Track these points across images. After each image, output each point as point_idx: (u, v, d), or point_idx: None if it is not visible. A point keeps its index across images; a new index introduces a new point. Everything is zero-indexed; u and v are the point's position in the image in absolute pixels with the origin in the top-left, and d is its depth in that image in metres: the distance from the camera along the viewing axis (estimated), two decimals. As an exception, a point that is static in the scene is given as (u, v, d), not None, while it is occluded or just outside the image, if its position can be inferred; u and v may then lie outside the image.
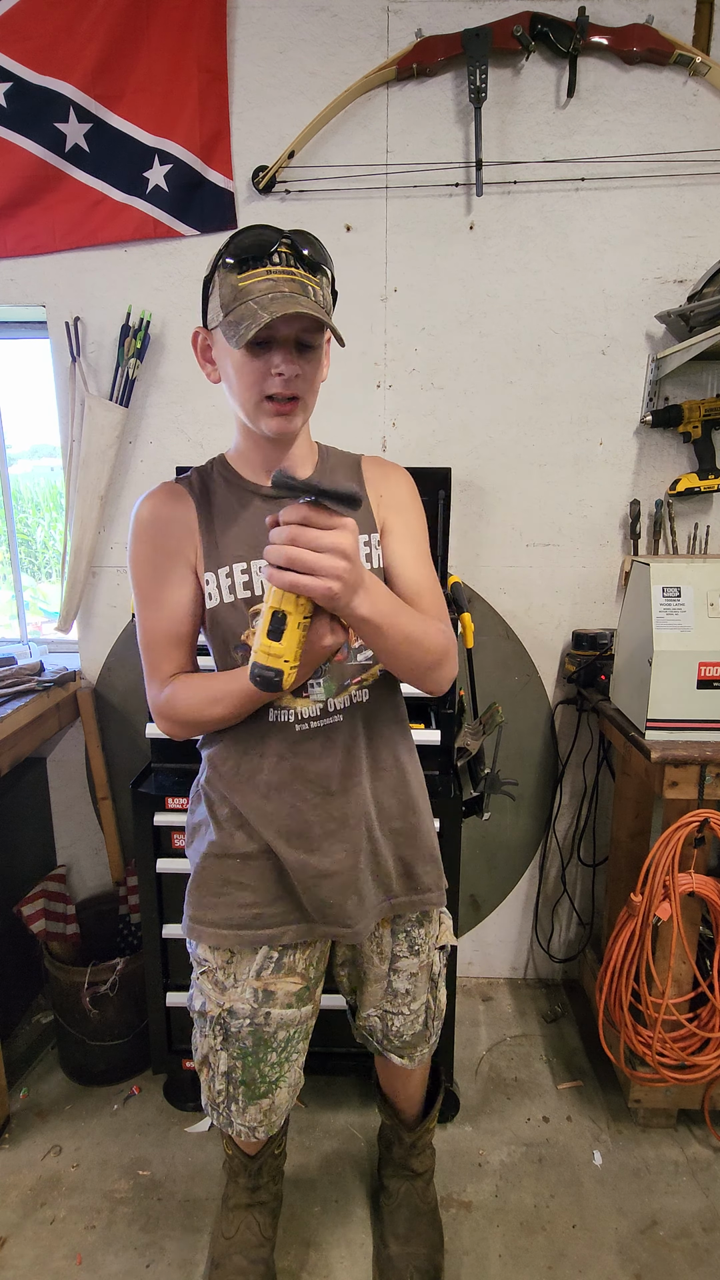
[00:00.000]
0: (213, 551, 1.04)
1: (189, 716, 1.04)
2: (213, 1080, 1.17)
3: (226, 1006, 1.12)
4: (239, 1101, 1.16)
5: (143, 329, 1.83)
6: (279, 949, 1.13)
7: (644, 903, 1.52)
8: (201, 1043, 1.17)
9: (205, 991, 1.14)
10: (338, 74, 1.75)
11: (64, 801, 2.19)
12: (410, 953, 1.22)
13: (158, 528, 1.05)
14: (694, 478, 1.85)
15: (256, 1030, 1.13)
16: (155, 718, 1.07)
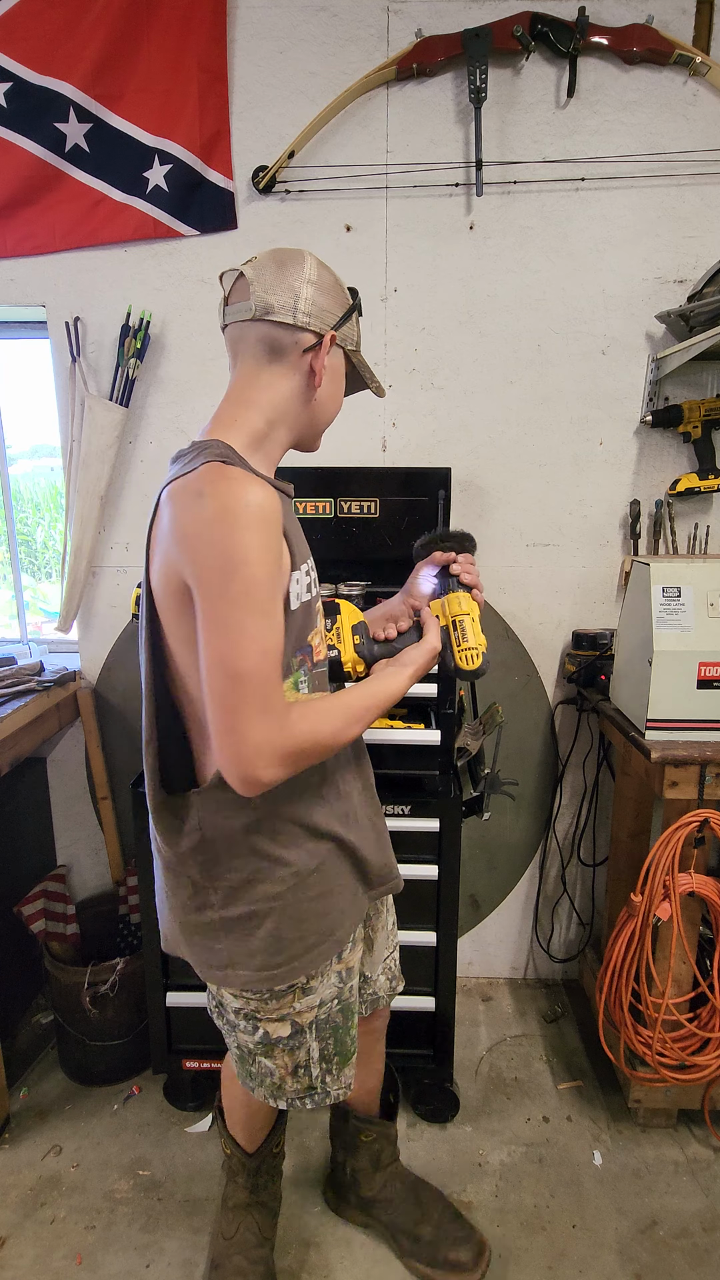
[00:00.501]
0: (291, 546, 0.96)
1: (329, 743, 0.93)
2: (307, 1072, 1.15)
3: (316, 1003, 1.12)
4: (334, 1072, 1.17)
5: (143, 329, 1.83)
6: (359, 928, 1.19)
7: (644, 903, 1.52)
8: (292, 1057, 1.13)
9: (296, 1011, 1.10)
10: (338, 74, 1.75)
11: (64, 801, 2.19)
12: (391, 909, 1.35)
13: (275, 521, 0.88)
14: (694, 478, 1.85)
15: (344, 1005, 1.16)
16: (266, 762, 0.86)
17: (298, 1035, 1.12)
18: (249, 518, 0.85)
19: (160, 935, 1.18)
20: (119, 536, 2.00)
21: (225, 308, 1.00)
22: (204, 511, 0.85)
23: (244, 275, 0.96)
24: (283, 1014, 1.10)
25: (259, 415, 0.99)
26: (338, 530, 1.87)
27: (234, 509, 0.84)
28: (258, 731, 0.86)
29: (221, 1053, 1.68)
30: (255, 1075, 1.16)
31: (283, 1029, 1.11)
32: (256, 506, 0.86)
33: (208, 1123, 1.72)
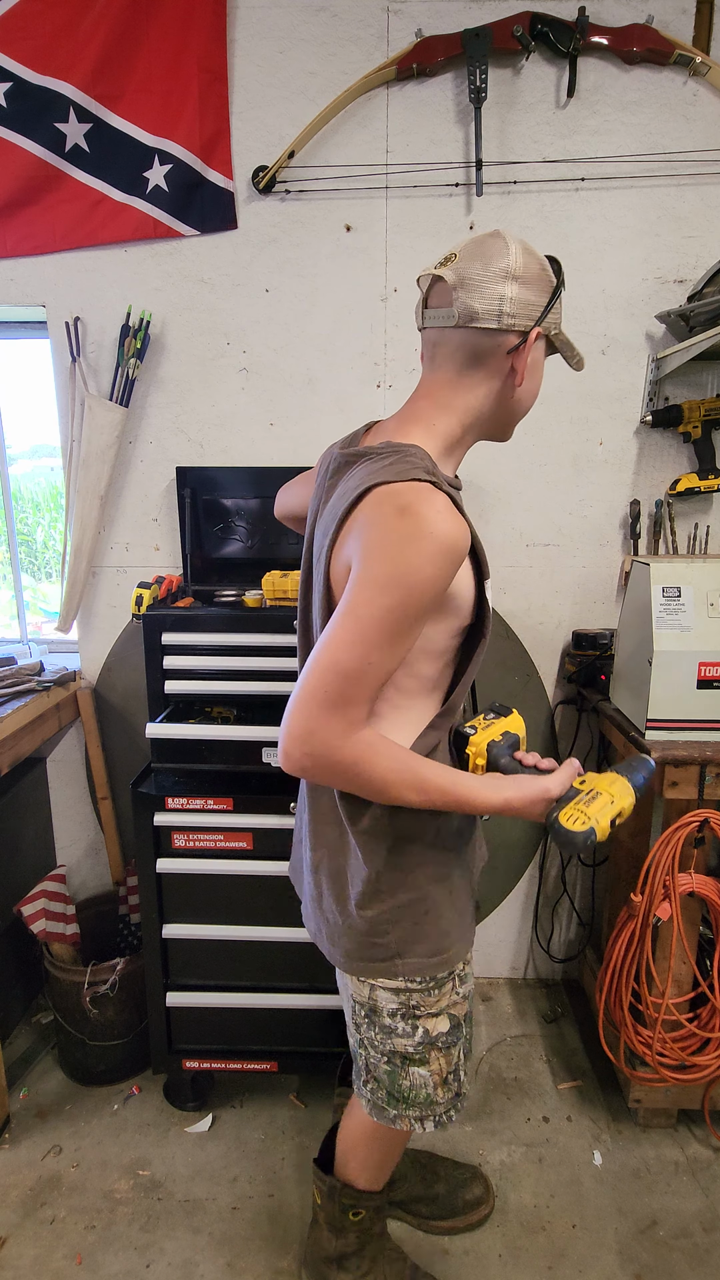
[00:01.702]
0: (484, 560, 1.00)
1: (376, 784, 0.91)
2: (456, 1076, 1.14)
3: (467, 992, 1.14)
4: (467, 1071, 1.17)
5: (143, 329, 1.83)
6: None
7: (644, 903, 1.52)
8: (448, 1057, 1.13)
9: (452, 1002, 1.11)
10: (338, 74, 1.75)
11: (64, 801, 2.19)
12: None
13: (455, 556, 0.88)
14: (694, 478, 1.85)
15: (471, 1011, 1.18)
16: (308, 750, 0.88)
17: (455, 1030, 1.12)
18: (435, 551, 0.86)
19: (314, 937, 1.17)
20: (119, 536, 2.00)
21: (424, 310, 0.99)
22: (401, 527, 0.86)
23: (443, 279, 0.94)
24: (442, 1006, 1.09)
25: (456, 420, 0.99)
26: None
27: (428, 538, 0.85)
28: (320, 722, 0.87)
29: (222, 1053, 1.68)
30: (406, 1096, 1.13)
31: (442, 1024, 1.10)
32: (449, 544, 0.86)
33: (208, 1123, 1.72)
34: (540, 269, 0.96)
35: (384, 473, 0.90)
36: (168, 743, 1.61)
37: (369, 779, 0.90)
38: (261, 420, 1.94)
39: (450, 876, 1.07)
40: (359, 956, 1.07)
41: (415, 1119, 1.14)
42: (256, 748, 1.58)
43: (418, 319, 1.01)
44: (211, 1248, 1.45)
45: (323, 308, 1.87)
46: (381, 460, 0.94)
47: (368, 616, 0.85)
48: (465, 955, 1.11)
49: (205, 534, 1.91)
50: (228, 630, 1.58)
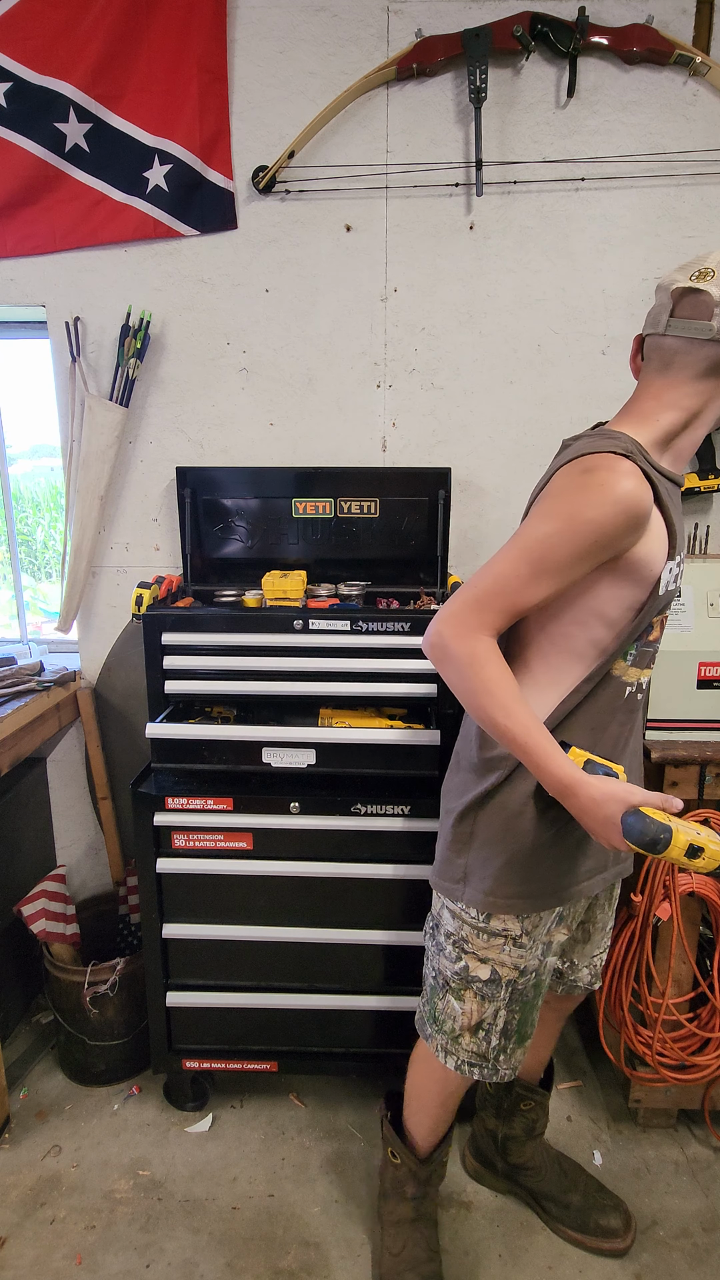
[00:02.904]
0: (673, 542, 1.06)
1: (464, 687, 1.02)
2: (487, 1038, 1.22)
3: (521, 966, 1.19)
4: (508, 1050, 1.24)
5: (143, 329, 1.83)
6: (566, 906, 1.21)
7: (644, 903, 1.52)
8: (481, 1008, 1.21)
9: (500, 959, 1.18)
10: (338, 74, 1.75)
11: (64, 801, 2.19)
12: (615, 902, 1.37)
13: (632, 516, 0.98)
14: (694, 478, 1.85)
15: (539, 980, 1.22)
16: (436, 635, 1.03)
17: (493, 985, 1.19)
18: (608, 499, 0.96)
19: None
20: (119, 536, 2.00)
21: (670, 319, 1.03)
22: (580, 480, 0.98)
23: (708, 293, 0.99)
24: (488, 955, 1.18)
25: (679, 416, 1.05)
26: (337, 530, 1.87)
27: (604, 488, 0.96)
28: (459, 612, 1.02)
29: (222, 1053, 1.68)
30: (438, 1016, 1.24)
31: (483, 971, 1.19)
32: (623, 496, 0.96)
33: (208, 1123, 1.72)
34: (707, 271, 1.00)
35: (585, 446, 1.02)
36: (168, 743, 1.61)
37: (471, 679, 1.01)
38: (261, 420, 1.94)
39: (539, 841, 1.13)
40: (438, 871, 1.22)
41: (441, 1048, 1.25)
42: (256, 748, 1.58)
43: (656, 326, 1.05)
44: (211, 1248, 1.45)
45: (323, 308, 1.87)
46: (588, 439, 1.05)
47: (526, 539, 1.00)
48: (530, 914, 1.16)
49: (205, 534, 1.91)
50: (228, 630, 1.58)
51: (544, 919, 1.19)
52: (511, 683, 1.01)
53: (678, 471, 1.09)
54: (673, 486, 1.08)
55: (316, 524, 1.87)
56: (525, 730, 0.99)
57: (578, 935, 1.35)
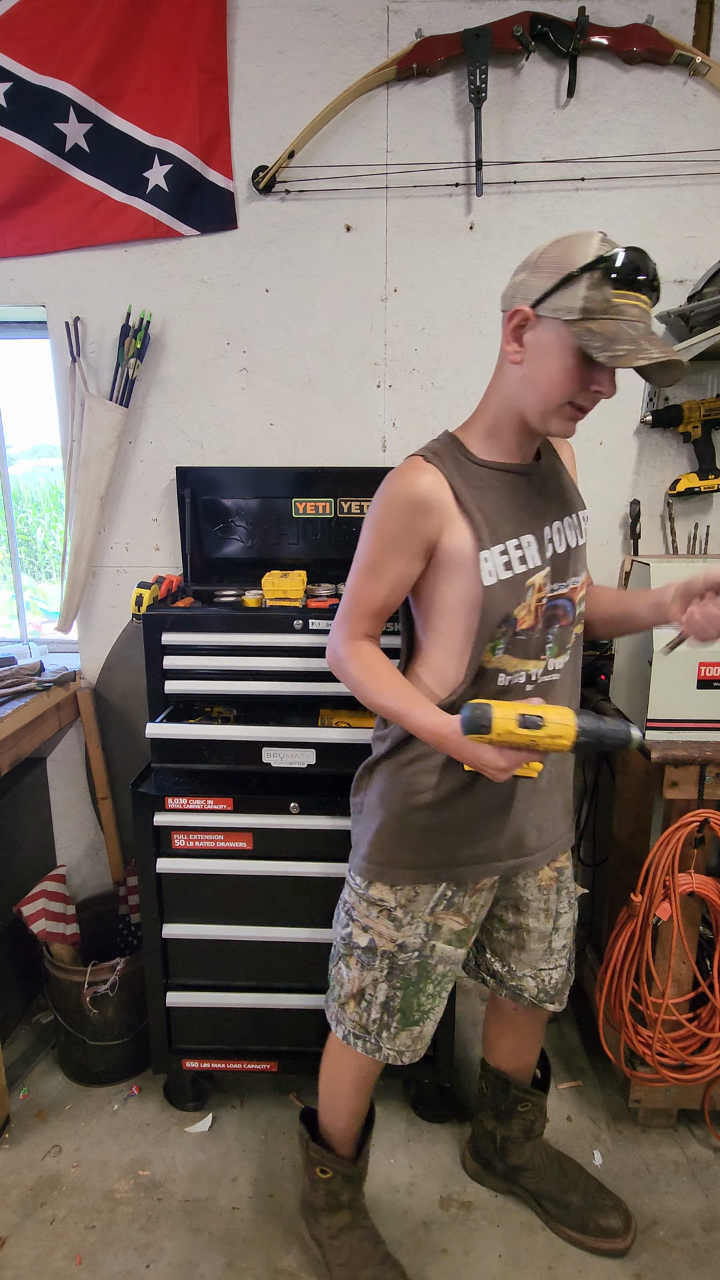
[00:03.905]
0: (483, 531, 1.07)
1: (349, 680, 1.15)
2: (368, 1009, 1.26)
3: (399, 941, 1.22)
4: (391, 1029, 1.26)
5: (143, 329, 1.83)
6: (453, 889, 1.21)
7: (644, 903, 1.52)
8: (360, 976, 1.25)
9: (377, 929, 1.23)
10: (338, 74, 1.75)
11: (64, 801, 2.19)
12: (569, 906, 1.34)
13: (410, 505, 1.07)
14: (694, 478, 1.85)
15: (423, 962, 1.23)
16: (328, 652, 1.19)
17: (370, 954, 1.23)
18: (385, 496, 1.09)
19: None
20: (119, 536, 2.00)
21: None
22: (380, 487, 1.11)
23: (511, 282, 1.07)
24: (368, 924, 1.23)
25: (493, 403, 1.10)
26: (337, 530, 1.87)
27: (384, 491, 1.09)
28: (336, 633, 1.18)
29: (222, 1053, 1.68)
30: (334, 979, 1.30)
31: (363, 939, 1.24)
32: (396, 490, 1.08)
33: (208, 1123, 1.72)
34: (560, 255, 0.99)
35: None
36: (168, 743, 1.61)
37: (351, 675, 1.14)
38: (261, 420, 1.94)
39: (410, 812, 1.18)
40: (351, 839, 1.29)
41: (333, 1016, 1.31)
42: (256, 748, 1.58)
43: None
44: (211, 1248, 1.45)
45: (323, 308, 1.87)
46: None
47: (357, 555, 1.14)
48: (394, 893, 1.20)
49: (205, 534, 1.91)
50: (228, 630, 1.58)
51: (421, 895, 1.20)
52: (382, 667, 1.13)
53: (513, 459, 1.13)
54: (496, 474, 1.11)
55: (316, 524, 1.87)
56: (397, 697, 1.08)
57: (508, 938, 1.34)
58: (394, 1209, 1.53)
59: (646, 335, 0.95)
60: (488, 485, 1.10)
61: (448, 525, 1.07)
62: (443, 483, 1.07)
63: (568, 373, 1.00)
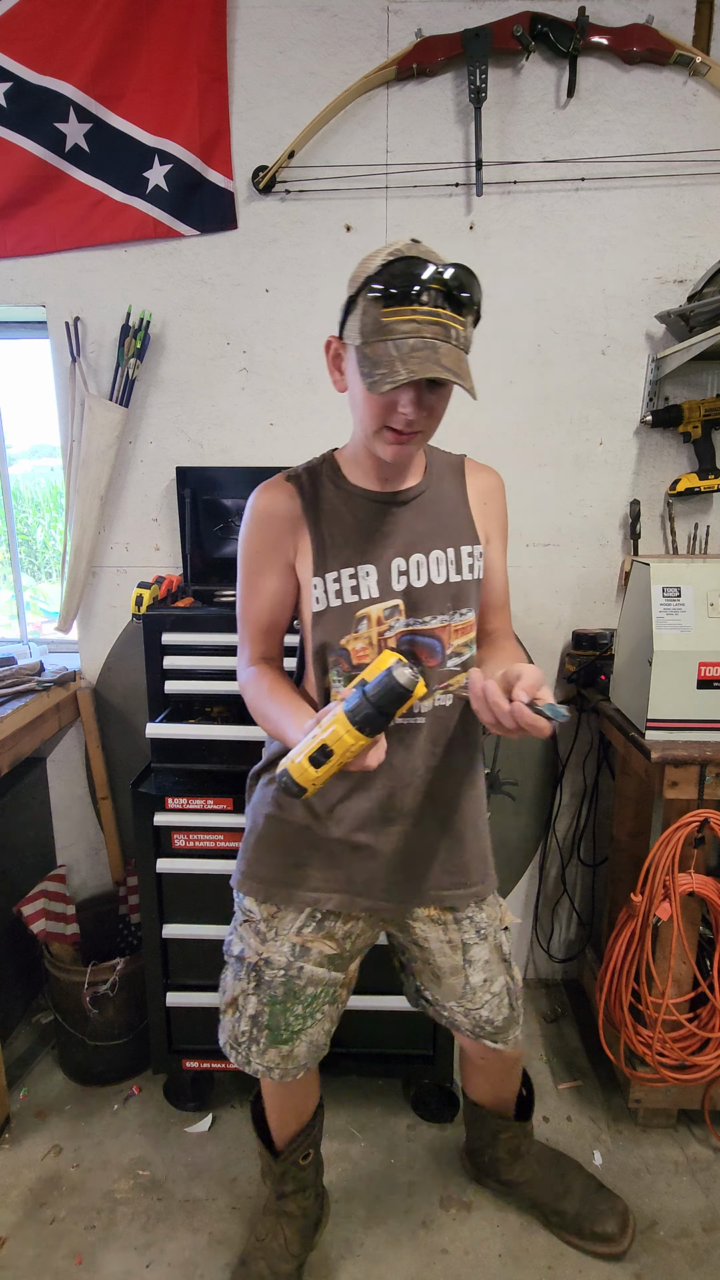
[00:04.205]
0: (320, 557, 1.06)
1: (250, 708, 1.13)
2: (238, 1020, 1.24)
3: (264, 956, 1.19)
4: (259, 1043, 1.23)
5: (143, 329, 1.83)
6: (321, 913, 1.18)
7: (644, 903, 1.52)
8: (233, 985, 1.24)
9: (246, 940, 1.21)
10: (338, 74, 1.74)
11: (64, 801, 2.19)
12: (479, 938, 1.24)
13: (265, 522, 1.09)
14: (694, 478, 1.85)
15: (289, 982, 1.19)
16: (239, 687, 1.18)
17: (239, 963, 1.22)
18: (246, 515, 1.11)
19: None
20: (119, 536, 2.00)
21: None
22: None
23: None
24: (241, 933, 1.22)
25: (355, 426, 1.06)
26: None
27: (247, 507, 1.12)
28: (238, 662, 1.19)
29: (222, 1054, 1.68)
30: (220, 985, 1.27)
31: (235, 947, 1.23)
32: (252, 507, 1.11)
33: (208, 1123, 1.72)
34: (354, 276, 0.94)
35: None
36: (168, 743, 1.61)
37: (247, 700, 1.13)
38: (261, 420, 1.94)
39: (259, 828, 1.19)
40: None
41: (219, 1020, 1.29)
42: (257, 747, 1.56)
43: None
44: (211, 1248, 1.45)
45: (323, 308, 1.87)
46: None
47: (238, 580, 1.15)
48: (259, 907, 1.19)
49: (205, 534, 1.91)
50: (228, 630, 1.57)
51: (282, 913, 1.18)
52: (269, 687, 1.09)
53: (372, 485, 1.08)
54: (353, 499, 1.07)
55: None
56: (279, 717, 1.05)
57: (423, 969, 1.27)
58: (394, 1209, 1.53)
59: (411, 352, 0.88)
60: (342, 509, 1.07)
61: (299, 545, 1.07)
62: (295, 502, 1.07)
63: (366, 398, 0.95)
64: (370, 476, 1.09)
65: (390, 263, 0.89)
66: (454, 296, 0.90)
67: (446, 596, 1.08)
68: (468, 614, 1.10)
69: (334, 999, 1.25)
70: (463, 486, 1.15)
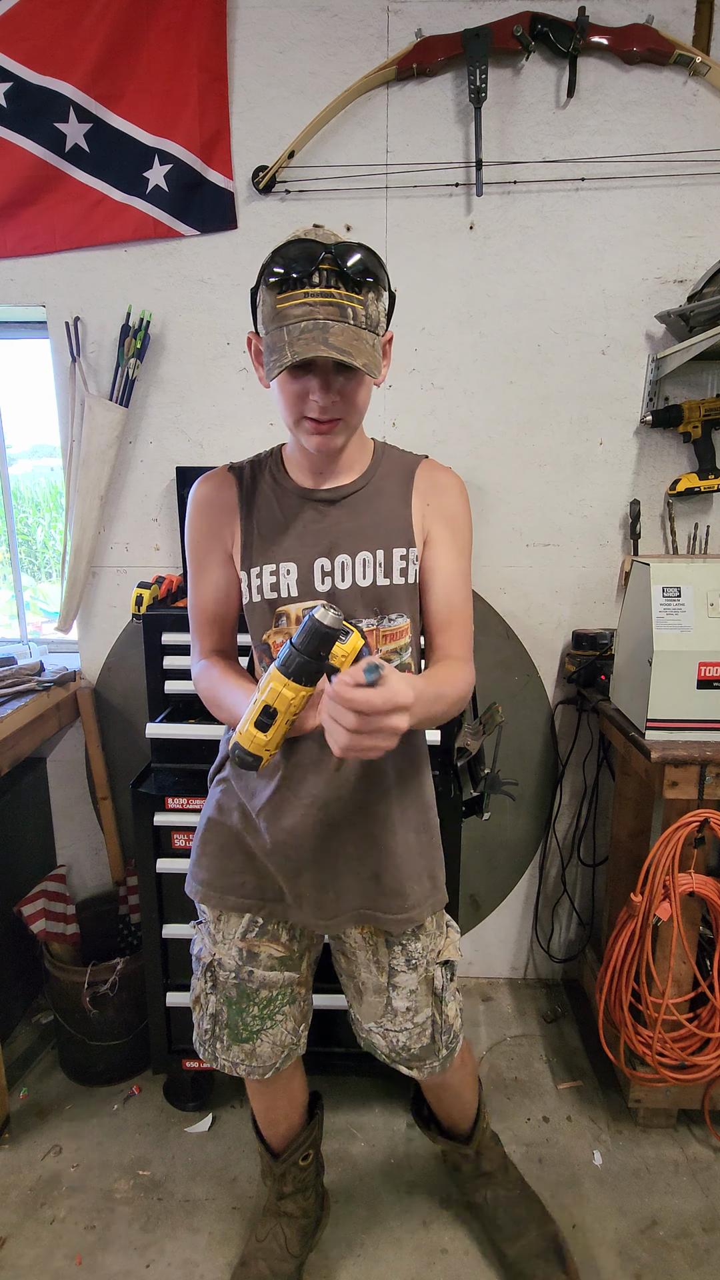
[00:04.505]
0: (248, 551, 1.07)
1: (205, 702, 1.12)
2: (201, 1019, 1.25)
3: (216, 957, 1.21)
4: (223, 1041, 1.24)
5: (143, 329, 1.83)
6: (260, 917, 1.18)
7: (644, 903, 1.52)
8: (195, 984, 1.25)
9: (201, 940, 1.24)
10: (338, 74, 1.75)
11: (64, 801, 2.19)
12: (407, 967, 1.19)
13: (204, 511, 1.10)
14: (694, 478, 1.85)
15: (241, 984, 1.20)
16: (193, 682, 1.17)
17: (198, 962, 1.23)
18: (189, 506, 1.12)
19: None
20: (119, 536, 2.00)
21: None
22: None
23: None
24: (198, 934, 1.24)
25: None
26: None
27: (189, 498, 1.13)
28: (191, 658, 1.18)
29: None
30: (191, 989, 1.27)
31: (194, 945, 1.25)
32: (190, 500, 1.12)
33: (208, 1123, 1.72)
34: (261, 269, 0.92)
35: None
36: (168, 743, 1.61)
37: (202, 695, 1.12)
38: (261, 420, 1.94)
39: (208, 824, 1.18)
40: None
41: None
42: (256, 748, 1.58)
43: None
44: (211, 1248, 1.45)
45: (323, 308, 1.86)
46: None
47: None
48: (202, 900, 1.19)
49: (205, 534, 1.90)
50: (228, 630, 1.58)
51: (227, 916, 1.18)
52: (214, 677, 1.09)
53: (306, 482, 1.06)
54: (286, 494, 1.06)
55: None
56: (230, 707, 1.03)
57: (348, 983, 1.26)
58: (394, 1208, 1.53)
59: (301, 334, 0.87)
60: (273, 504, 1.06)
61: (235, 536, 1.08)
62: (232, 493, 1.08)
63: (282, 388, 0.95)
64: (304, 472, 1.07)
65: (280, 248, 0.89)
66: (346, 275, 0.89)
67: (373, 600, 1.04)
68: (398, 620, 1.05)
69: (293, 998, 1.23)
70: (408, 487, 1.08)
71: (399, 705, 0.74)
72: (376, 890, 1.13)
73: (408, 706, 0.74)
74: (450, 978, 1.25)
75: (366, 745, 0.76)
